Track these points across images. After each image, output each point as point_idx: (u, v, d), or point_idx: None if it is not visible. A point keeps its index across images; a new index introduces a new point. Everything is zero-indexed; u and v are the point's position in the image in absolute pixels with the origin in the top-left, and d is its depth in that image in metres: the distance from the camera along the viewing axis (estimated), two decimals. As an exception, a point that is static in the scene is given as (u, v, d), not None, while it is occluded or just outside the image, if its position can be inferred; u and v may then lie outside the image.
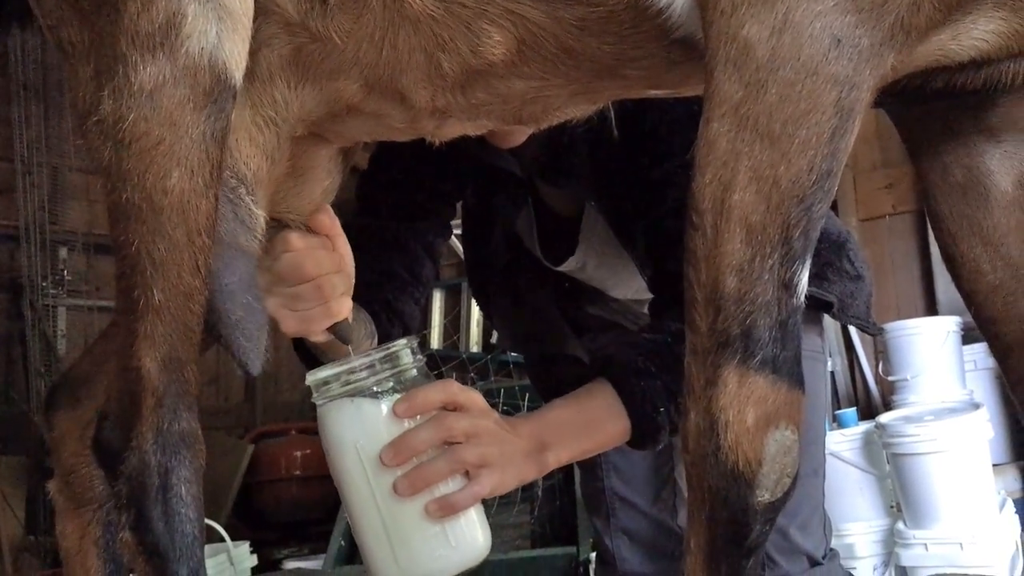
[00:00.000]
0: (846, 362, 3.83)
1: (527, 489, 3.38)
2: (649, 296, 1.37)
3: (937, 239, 0.87)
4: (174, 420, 0.75)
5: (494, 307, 1.63)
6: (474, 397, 1.07)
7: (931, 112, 0.82)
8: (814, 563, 1.50)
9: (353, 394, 1.00)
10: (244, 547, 3.34)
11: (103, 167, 0.74)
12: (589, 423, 1.15)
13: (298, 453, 4.07)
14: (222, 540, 3.27)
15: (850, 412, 3.11)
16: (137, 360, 0.74)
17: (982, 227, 0.81)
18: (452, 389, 1.05)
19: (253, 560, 3.36)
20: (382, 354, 1.02)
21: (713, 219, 0.68)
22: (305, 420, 4.43)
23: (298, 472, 4.04)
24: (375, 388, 1.01)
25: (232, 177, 0.87)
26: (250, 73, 0.81)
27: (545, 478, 3.39)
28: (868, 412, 3.59)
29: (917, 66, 0.72)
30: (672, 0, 0.73)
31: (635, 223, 1.34)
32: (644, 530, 1.64)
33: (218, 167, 0.75)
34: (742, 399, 0.66)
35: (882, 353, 3.48)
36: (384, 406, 1.00)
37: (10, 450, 3.80)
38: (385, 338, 1.28)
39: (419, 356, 1.07)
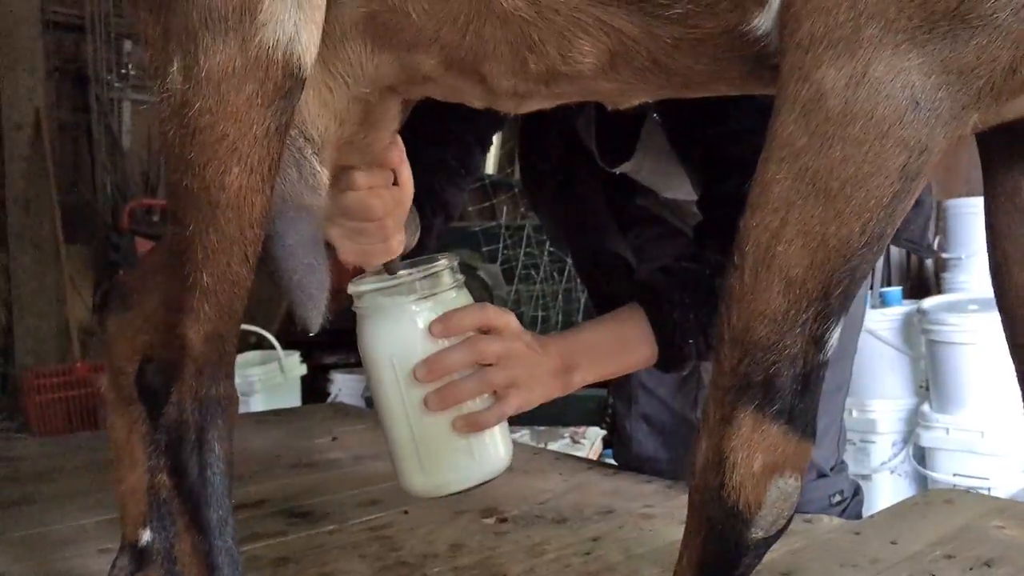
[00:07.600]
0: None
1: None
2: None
3: (989, 255, 0.83)
4: (212, 386, 0.78)
5: (542, 199, 1.62)
6: (508, 319, 1.10)
7: (1012, 132, 0.77)
8: (821, 475, 1.56)
9: (392, 309, 1.03)
10: (295, 356, 3.53)
11: (167, 141, 0.71)
12: (618, 347, 1.18)
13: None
14: (273, 348, 3.46)
15: (895, 291, 3.10)
16: (183, 329, 0.76)
17: None
18: (488, 313, 1.08)
19: (303, 369, 3.55)
20: (423, 274, 1.04)
21: (754, 263, 0.66)
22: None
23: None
24: (414, 307, 1.04)
25: (300, 136, 0.85)
26: (324, 31, 0.76)
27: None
28: (916, 290, 3.56)
29: (1003, 121, 0.67)
30: (770, 29, 0.67)
31: (694, 140, 1.30)
32: (663, 419, 1.69)
33: (277, 160, 0.72)
34: (753, 444, 0.67)
35: (942, 229, 3.41)
36: (421, 324, 1.04)
37: (78, 238, 3.96)
38: (427, 230, 1.29)
39: (459, 276, 1.09)
